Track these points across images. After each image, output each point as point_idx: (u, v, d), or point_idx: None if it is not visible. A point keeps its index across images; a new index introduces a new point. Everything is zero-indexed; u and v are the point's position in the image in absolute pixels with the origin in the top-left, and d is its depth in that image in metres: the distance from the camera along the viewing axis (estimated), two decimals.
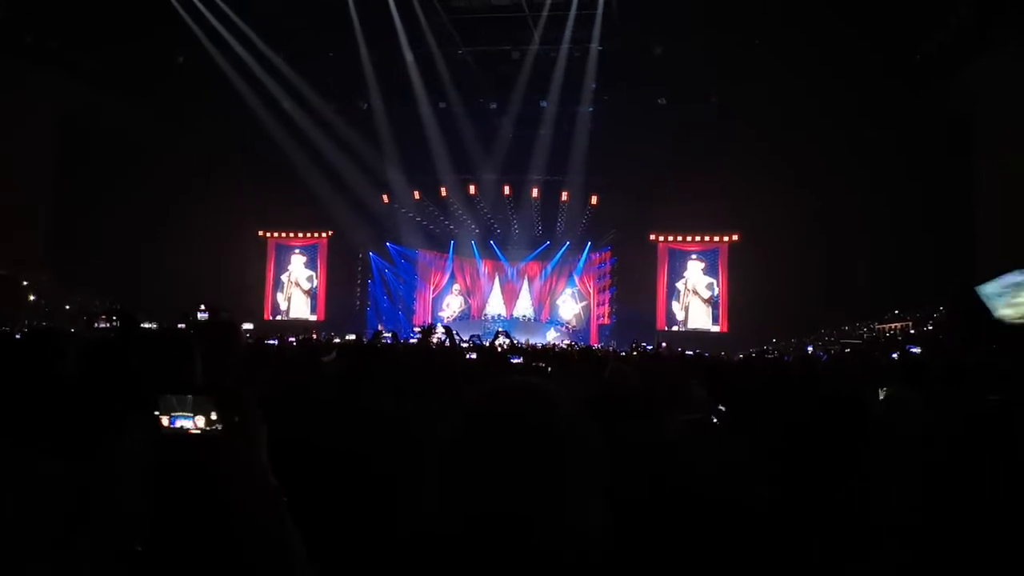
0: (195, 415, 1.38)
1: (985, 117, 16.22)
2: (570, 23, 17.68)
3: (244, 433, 1.27)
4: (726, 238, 24.07)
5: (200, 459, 1.36)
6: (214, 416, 1.36)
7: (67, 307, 15.58)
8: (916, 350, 7.32)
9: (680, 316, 24.16)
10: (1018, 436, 2.62)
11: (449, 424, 0.89)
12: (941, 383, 4.20)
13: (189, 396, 1.39)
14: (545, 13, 17.36)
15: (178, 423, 1.38)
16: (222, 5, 17.58)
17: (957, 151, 16.76)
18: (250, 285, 25.51)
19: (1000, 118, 15.65)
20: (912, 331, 14.45)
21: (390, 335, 7.46)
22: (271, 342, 7.33)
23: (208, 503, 1.43)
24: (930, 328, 14.01)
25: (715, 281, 24.19)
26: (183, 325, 6.65)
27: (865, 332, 17.18)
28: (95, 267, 18.57)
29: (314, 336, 10.76)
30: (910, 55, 16.44)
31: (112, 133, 18.87)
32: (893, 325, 16.25)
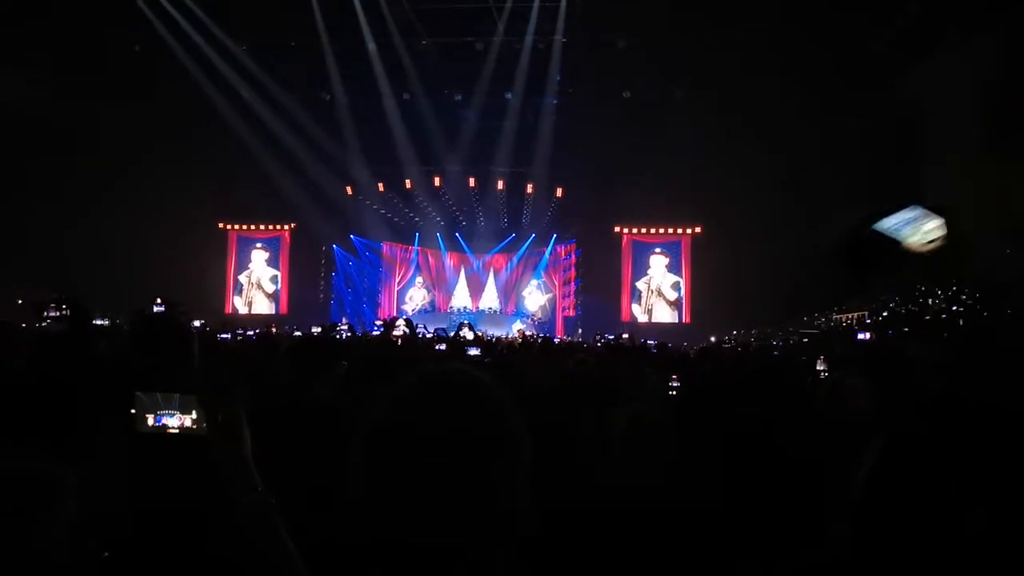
0: (181, 413, 1.36)
1: (937, 114, 16.65)
2: (534, 15, 17.66)
3: (229, 433, 1.26)
4: (689, 230, 24.38)
5: (182, 458, 1.35)
6: (197, 415, 1.35)
7: (19, 301, 15.12)
8: (864, 336, 7.52)
9: (643, 319, 24.33)
10: (958, 421, 2.71)
11: (375, 414, 0.89)
12: (887, 370, 4.33)
13: (176, 394, 1.37)
14: (508, 4, 17.32)
15: (163, 421, 1.37)
16: None
17: (909, 148, 17.19)
18: (210, 279, 25.09)
19: (950, 116, 16.09)
20: (868, 320, 14.83)
21: (346, 327, 7.40)
22: (224, 336, 7.21)
23: (191, 502, 1.41)
24: (883, 316, 14.40)
25: (681, 280, 24.45)
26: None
27: (822, 322, 17.58)
28: (48, 260, 18.07)
29: (273, 330, 10.60)
30: (867, 51, 16.77)
31: (67, 122, 18.34)
32: (848, 315, 16.66)
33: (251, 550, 1.17)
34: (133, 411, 1.39)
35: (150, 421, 1.39)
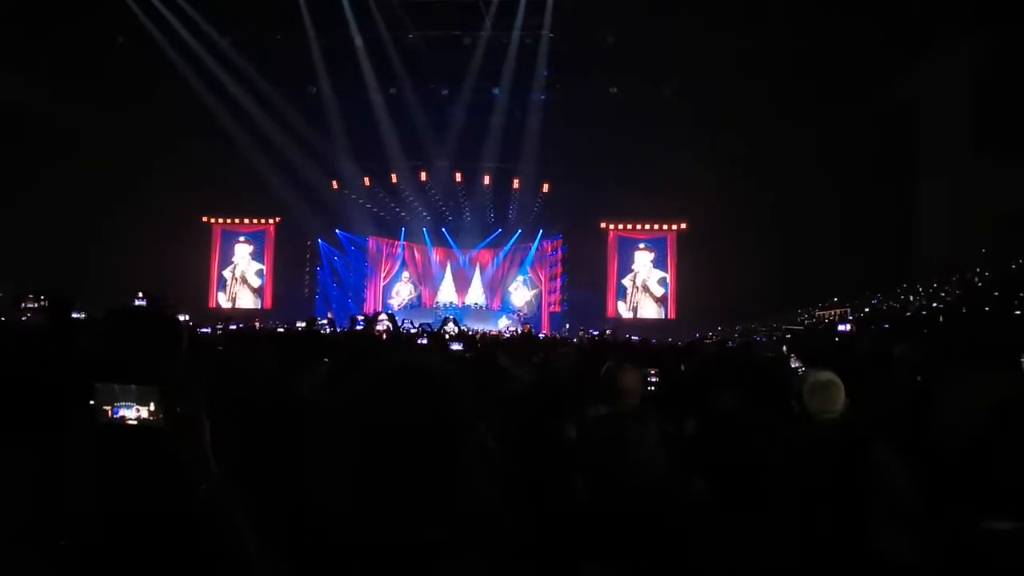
0: (138, 405, 1.36)
1: (930, 115, 16.79)
2: (521, 9, 17.62)
3: (186, 424, 1.26)
4: (674, 226, 24.48)
5: (140, 449, 1.35)
6: (155, 407, 1.35)
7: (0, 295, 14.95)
8: (844, 327, 7.58)
9: (628, 315, 24.40)
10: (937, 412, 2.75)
11: (347, 403, 0.90)
12: (869, 365, 4.38)
13: (133, 385, 1.37)
14: None
15: (120, 413, 1.37)
16: None
17: (901, 147, 17.32)
18: (194, 273, 24.92)
19: (941, 116, 16.23)
20: (850, 316, 14.97)
21: (326, 322, 7.40)
22: (204, 330, 7.16)
23: (150, 494, 1.41)
24: (865, 312, 14.53)
25: (666, 276, 24.54)
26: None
27: (806, 318, 17.73)
28: (30, 255, 17.88)
29: (257, 324, 10.55)
30: (861, 52, 16.82)
31: (46, 115, 18.13)
32: (832, 311, 16.81)
33: (211, 537, 1.18)
34: (92, 402, 1.39)
35: (108, 413, 1.39)
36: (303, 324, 11.11)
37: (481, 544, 0.89)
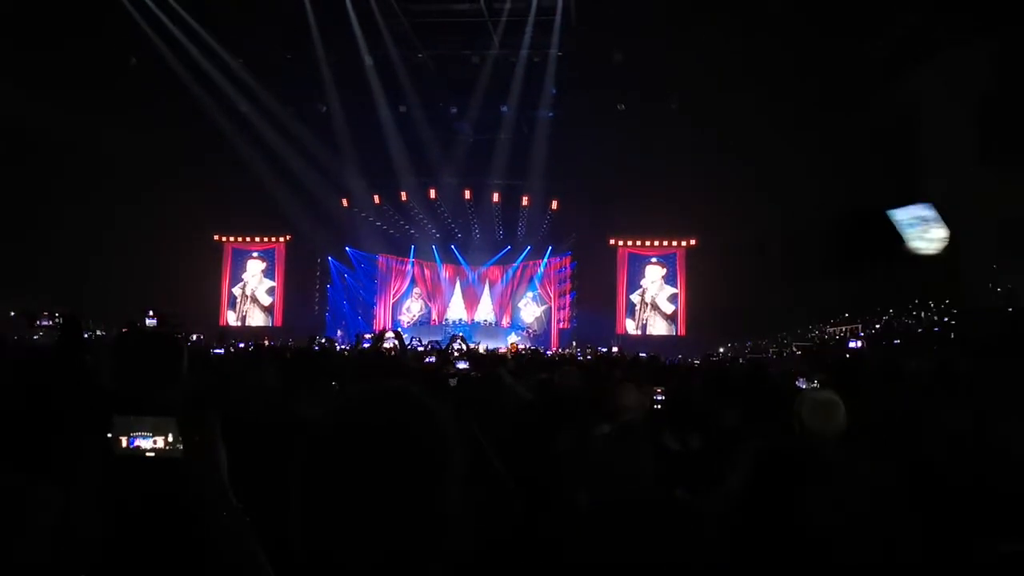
0: (154, 435, 1.35)
1: (933, 126, 16.70)
2: (529, 28, 17.76)
3: (205, 453, 1.25)
4: (684, 243, 24.43)
5: (159, 481, 1.34)
6: (172, 437, 1.34)
7: (12, 313, 15.08)
8: (855, 344, 7.56)
9: (637, 332, 24.27)
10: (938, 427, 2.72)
11: (312, 430, 0.91)
12: (880, 382, 4.34)
13: (148, 417, 1.36)
14: (504, 18, 17.41)
15: (136, 443, 1.36)
16: (176, 6, 17.30)
17: (907, 159, 17.23)
18: (205, 291, 25.05)
19: (946, 127, 16.13)
20: (861, 332, 14.86)
21: (326, 341, 7.45)
22: (218, 351, 7.21)
23: (168, 526, 1.40)
24: (876, 329, 14.40)
25: (677, 292, 24.46)
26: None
27: (816, 334, 17.59)
28: (40, 271, 18.03)
29: (266, 342, 10.59)
30: (863, 64, 16.80)
31: (60, 133, 18.34)
32: (842, 328, 16.67)
33: (227, 572, 1.17)
34: (110, 435, 1.38)
35: (123, 443, 1.38)
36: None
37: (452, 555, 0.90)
